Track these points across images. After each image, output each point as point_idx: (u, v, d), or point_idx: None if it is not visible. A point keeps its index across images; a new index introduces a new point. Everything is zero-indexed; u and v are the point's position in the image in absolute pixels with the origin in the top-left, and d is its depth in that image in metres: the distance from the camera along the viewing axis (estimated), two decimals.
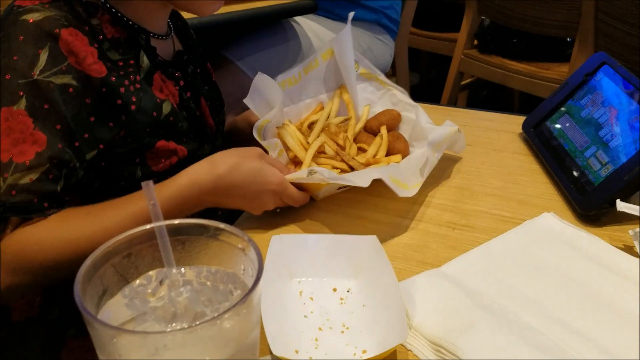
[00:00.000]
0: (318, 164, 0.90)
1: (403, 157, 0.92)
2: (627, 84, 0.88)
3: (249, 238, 0.46)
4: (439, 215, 0.85)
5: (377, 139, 0.93)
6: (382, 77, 1.02)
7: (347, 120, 0.98)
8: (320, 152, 0.91)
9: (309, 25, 1.81)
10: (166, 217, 0.75)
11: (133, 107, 0.78)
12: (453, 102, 2.44)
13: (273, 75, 1.84)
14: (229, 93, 1.73)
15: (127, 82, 0.78)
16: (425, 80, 3.22)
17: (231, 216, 0.87)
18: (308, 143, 0.91)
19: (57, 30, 0.72)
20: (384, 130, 0.94)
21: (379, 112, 0.97)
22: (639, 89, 0.85)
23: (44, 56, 0.71)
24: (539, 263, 0.72)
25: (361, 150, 0.94)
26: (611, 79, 0.92)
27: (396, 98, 1.01)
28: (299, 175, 0.82)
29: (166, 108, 0.82)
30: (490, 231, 0.81)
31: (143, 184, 0.46)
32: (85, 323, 0.40)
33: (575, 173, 0.87)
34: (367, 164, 0.90)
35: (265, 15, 1.57)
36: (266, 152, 0.88)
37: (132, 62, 0.80)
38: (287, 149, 0.92)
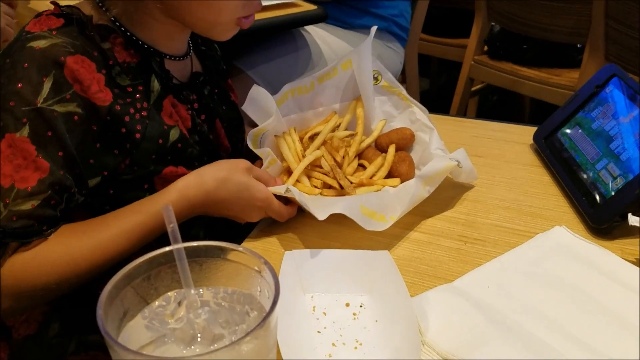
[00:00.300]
0: (311, 177, 0.91)
1: (404, 181, 0.91)
2: (637, 97, 0.88)
3: (265, 260, 0.47)
4: (450, 229, 0.85)
5: (379, 159, 0.93)
6: (404, 92, 1.01)
7: (353, 135, 0.98)
8: (317, 165, 0.91)
9: (319, 34, 1.82)
10: (159, 230, 0.77)
11: (137, 136, 0.79)
12: (463, 108, 2.44)
13: (284, 83, 1.85)
14: (241, 102, 1.75)
15: (132, 110, 0.78)
16: (436, 85, 3.22)
17: (247, 228, 0.87)
18: (304, 155, 0.92)
19: (62, 58, 0.72)
20: (391, 149, 0.93)
21: (392, 129, 0.97)
22: None
23: (48, 84, 0.72)
24: (551, 278, 0.73)
25: (362, 167, 0.94)
26: (622, 91, 0.92)
27: (415, 116, 0.99)
28: (278, 189, 0.83)
29: (173, 135, 0.83)
30: (502, 245, 0.81)
31: (162, 207, 0.47)
32: (106, 345, 0.41)
33: (586, 185, 0.88)
34: (360, 185, 0.90)
35: (277, 26, 1.58)
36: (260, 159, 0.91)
37: (140, 88, 0.80)
38: (282, 158, 0.92)
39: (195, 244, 0.49)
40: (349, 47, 1.84)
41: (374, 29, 1.02)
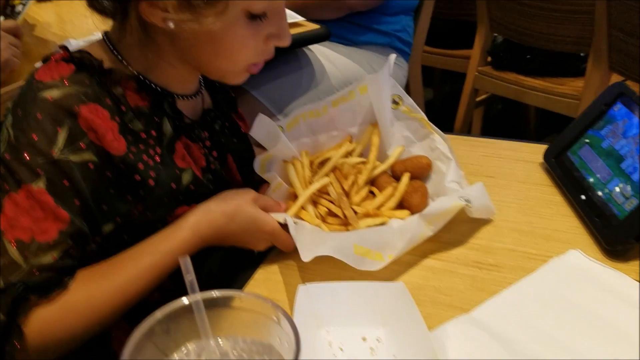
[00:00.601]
0: (318, 204, 0.91)
1: (415, 213, 0.88)
2: None
3: (283, 311, 0.47)
4: (464, 255, 0.85)
5: (390, 188, 0.91)
6: (426, 118, 0.99)
7: (365, 162, 0.96)
8: (325, 192, 0.91)
9: (321, 52, 1.82)
10: (174, 267, 0.77)
11: (151, 182, 0.79)
12: (469, 120, 2.44)
13: (288, 102, 1.85)
14: (247, 123, 1.76)
15: (145, 157, 0.78)
16: (439, 95, 3.22)
17: (259, 258, 0.87)
18: (312, 182, 0.92)
19: (76, 108, 0.72)
20: (404, 178, 0.91)
21: (409, 156, 0.95)
22: None
23: (62, 135, 0.72)
24: (568, 305, 0.72)
25: (373, 195, 0.92)
26: (630, 109, 0.92)
27: (434, 144, 0.96)
28: (278, 217, 0.83)
29: (186, 178, 0.83)
30: (517, 270, 0.81)
31: (180, 259, 0.47)
32: None
33: (599, 206, 0.87)
34: (366, 215, 0.88)
35: (280, 48, 1.58)
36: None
37: (154, 133, 0.80)
38: (289, 182, 0.92)
39: (213, 294, 0.48)
40: (353, 63, 1.85)
41: (392, 57, 1.00)
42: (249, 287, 0.81)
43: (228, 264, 0.88)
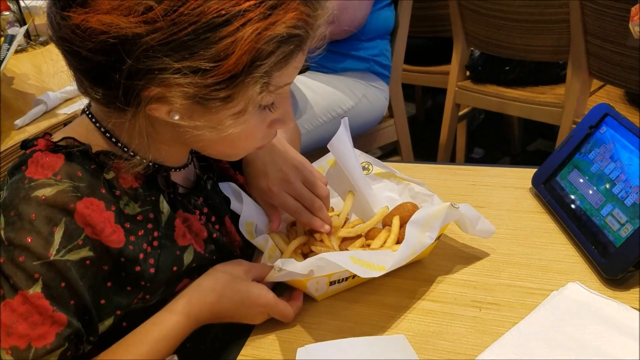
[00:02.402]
0: (307, 254, 0.89)
1: None
2: (632, 137, 0.87)
3: None
4: (462, 294, 0.84)
5: (384, 232, 0.90)
6: (398, 174, 1.01)
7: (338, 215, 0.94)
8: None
9: (302, 81, 1.82)
10: (170, 351, 0.75)
11: (152, 270, 0.76)
12: (452, 135, 2.43)
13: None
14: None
15: (145, 246, 0.76)
16: (422, 110, 3.22)
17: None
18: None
19: (72, 205, 0.69)
20: (395, 220, 0.90)
21: (394, 207, 0.95)
22: None
23: (59, 234, 0.69)
24: (572, 343, 0.71)
25: (367, 246, 0.90)
26: (616, 131, 0.91)
27: (414, 191, 0.97)
28: (270, 274, 0.80)
29: (187, 258, 0.80)
30: (517, 307, 0.80)
31: (167, 359, 0.45)
32: None
33: (594, 233, 0.86)
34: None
35: None
36: None
37: (151, 215, 0.77)
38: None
39: None
40: (334, 90, 1.85)
41: (345, 120, 0.97)
42: (246, 350, 0.79)
43: (233, 327, 0.86)
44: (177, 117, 0.69)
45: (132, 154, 0.77)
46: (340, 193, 1.01)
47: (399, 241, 0.88)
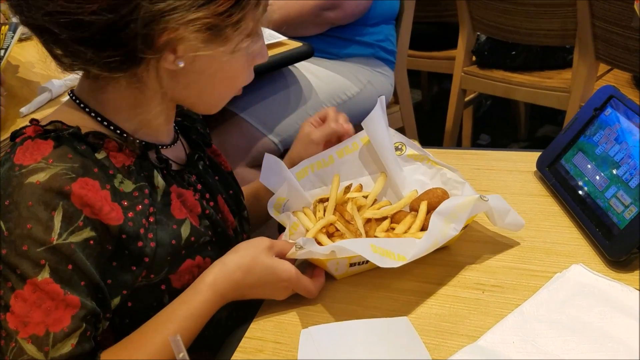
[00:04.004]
0: (333, 235, 0.89)
1: None
2: (637, 119, 0.87)
3: None
4: (465, 277, 0.84)
5: (409, 217, 0.89)
6: (432, 158, 0.99)
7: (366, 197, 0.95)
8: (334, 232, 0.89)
9: (307, 68, 1.82)
10: (198, 330, 0.76)
11: (152, 244, 0.77)
12: (459, 121, 2.42)
13: (278, 121, 1.84)
14: (236, 144, 1.75)
15: (144, 221, 0.76)
16: (428, 96, 3.21)
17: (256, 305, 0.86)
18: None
19: (67, 187, 0.69)
20: (422, 206, 0.89)
21: (424, 192, 0.94)
22: None
23: (58, 218, 0.69)
24: (576, 324, 0.71)
25: (392, 230, 0.90)
26: (621, 113, 0.91)
27: (446, 177, 0.96)
28: (291, 252, 0.81)
29: (185, 231, 0.81)
30: (520, 289, 0.79)
31: (170, 338, 0.46)
32: None
33: (598, 216, 0.86)
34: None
35: (265, 68, 1.57)
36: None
37: (146, 191, 0.78)
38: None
39: None
40: (339, 77, 1.84)
41: (382, 99, 0.99)
42: (250, 332, 0.79)
43: (237, 314, 0.86)
44: (182, 65, 0.73)
45: (119, 131, 0.78)
46: (371, 172, 1.01)
47: (424, 228, 0.87)
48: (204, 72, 0.77)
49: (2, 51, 1.51)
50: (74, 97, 0.79)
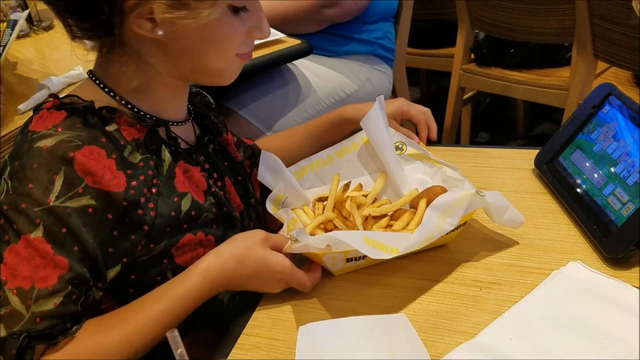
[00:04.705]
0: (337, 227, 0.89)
1: None
2: (635, 116, 0.87)
3: None
4: (463, 274, 0.84)
5: (407, 214, 0.89)
6: (432, 156, 1.00)
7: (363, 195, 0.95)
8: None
9: (305, 65, 1.81)
10: (185, 314, 0.77)
11: (152, 214, 0.79)
12: (457, 119, 2.42)
13: (277, 118, 1.85)
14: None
15: (146, 191, 0.78)
16: (426, 94, 3.21)
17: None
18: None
19: (71, 153, 0.72)
20: (421, 203, 0.89)
21: (423, 190, 0.94)
22: None
23: (58, 182, 0.72)
24: (573, 322, 0.71)
25: (389, 227, 0.90)
26: (619, 110, 0.91)
27: (446, 175, 0.97)
28: (287, 245, 0.81)
29: (185, 204, 0.82)
30: (518, 286, 0.80)
31: (167, 334, 0.46)
32: None
33: (596, 213, 0.86)
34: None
35: (264, 65, 1.57)
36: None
37: (152, 163, 0.80)
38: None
39: None
40: (337, 74, 1.84)
41: (380, 98, 1.00)
42: (248, 329, 0.80)
43: (238, 297, 0.87)
44: (161, 33, 0.75)
45: (130, 106, 0.82)
46: (371, 172, 1.01)
47: None
48: (188, 41, 0.79)
49: (1, 48, 1.51)
50: (92, 76, 0.84)
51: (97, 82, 0.83)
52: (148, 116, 0.84)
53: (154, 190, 0.80)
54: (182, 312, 0.77)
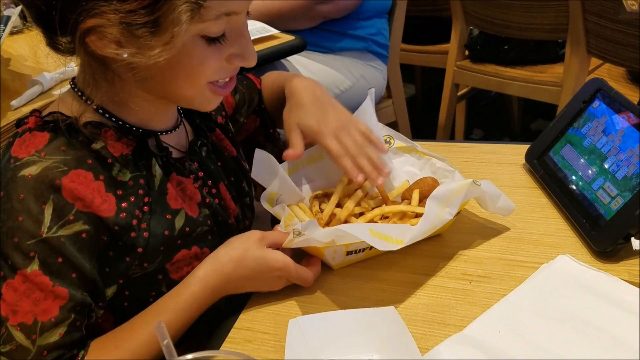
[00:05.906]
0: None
1: None
2: (624, 111, 0.87)
3: None
4: (453, 268, 0.84)
5: (402, 206, 0.90)
6: (420, 149, 1.00)
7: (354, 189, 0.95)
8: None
9: (299, 61, 1.82)
10: (188, 324, 0.77)
11: (146, 234, 0.77)
12: (452, 115, 2.43)
13: None
14: None
15: (137, 212, 0.76)
16: (421, 91, 3.21)
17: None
18: (320, 211, 0.91)
19: (57, 181, 0.70)
20: (415, 194, 0.90)
21: (414, 182, 0.95)
22: (637, 115, 0.85)
23: (48, 211, 0.69)
24: (561, 314, 0.71)
25: (385, 218, 0.91)
26: (609, 105, 0.91)
27: (435, 166, 0.97)
28: (289, 239, 0.81)
29: (179, 221, 0.81)
30: (507, 280, 0.80)
31: (155, 326, 0.46)
32: None
33: (585, 207, 0.87)
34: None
35: (257, 62, 1.57)
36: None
37: (142, 181, 0.78)
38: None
39: (187, 357, 0.47)
40: (331, 70, 1.84)
41: (371, 92, 1.00)
42: (239, 323, 0.80)
43: (233, 300, 0.87)
44: (125, 55, 0.67)
45: (114, 119, 0.78)
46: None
47: (417, 216, 0.88)
48: (154, 65, 0.70)
49: None
50: (74, 86, 0.79)
51: (79, 93, 0.78)
52: (134, 128, 0.79)
53: (145, 209, 0.78)
54: (185, 323, 0.77)
